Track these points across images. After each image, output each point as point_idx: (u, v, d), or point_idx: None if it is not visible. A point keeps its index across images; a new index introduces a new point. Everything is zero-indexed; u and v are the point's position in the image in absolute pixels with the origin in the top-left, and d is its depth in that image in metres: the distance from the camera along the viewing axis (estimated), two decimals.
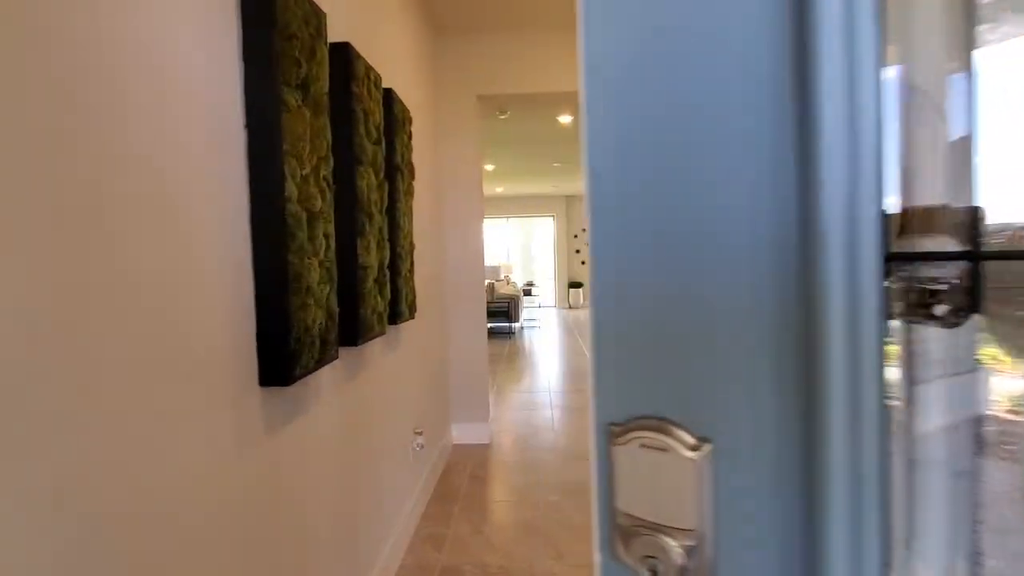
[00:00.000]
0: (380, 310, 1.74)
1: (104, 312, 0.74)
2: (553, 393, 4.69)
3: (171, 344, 0.87)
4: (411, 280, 2.19)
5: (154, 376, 0.83)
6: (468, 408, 3.47)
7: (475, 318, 3.44)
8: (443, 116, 3.36)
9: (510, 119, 5.25)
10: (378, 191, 1.73)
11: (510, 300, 8.24)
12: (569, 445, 3.35)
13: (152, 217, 0.84)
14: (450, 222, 3.40)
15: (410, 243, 2.19)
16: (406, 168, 2.13)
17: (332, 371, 1.49)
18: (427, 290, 2.80)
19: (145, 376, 0.81)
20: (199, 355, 0.94)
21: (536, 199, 12.00)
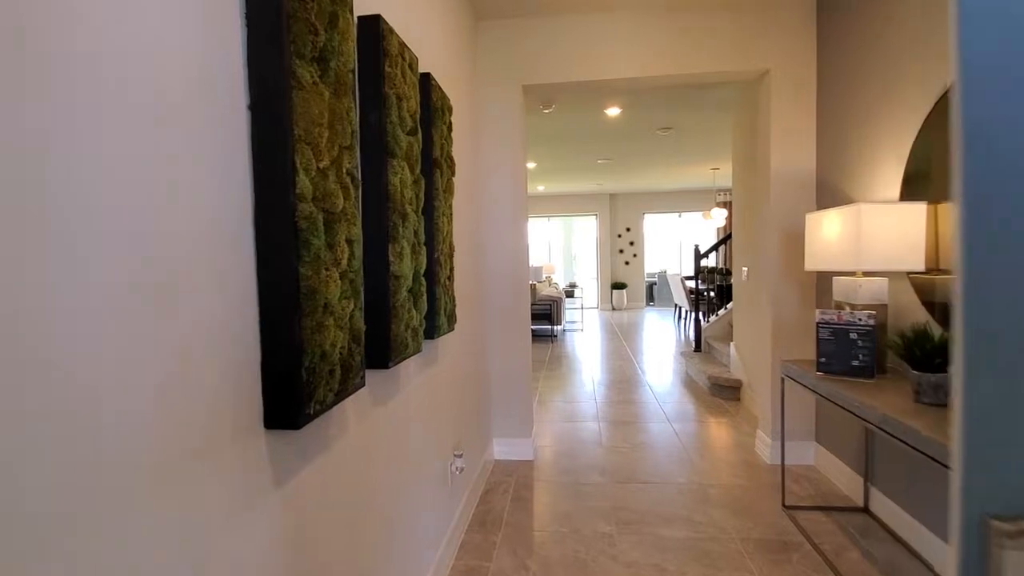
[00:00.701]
0: (415, 325, 1.52)
1: (42, 335, 0.53)
2: (599, 403, 4.40)
3: (142, 382, 0.66)
4: (450, 288, 1.97)
5: (122, 424, 0.62)
6: (510, 422, 3.23)
7: (518, 326, 3.20)
8: (486, 108, 3.13)
9: (555, 113, 4.99)
10: (413, 188, 1.51)
11: (552, 302, 7.97)
12: (620, 466, 3.06)
13: (124, 220, 0.63)
14: (492, 222, 3.17)
15: (450, 246, 1.96)
16: (446, 163, 1.91)
17: (357, 401, 1.28)
18: (467, 297, 2.58)
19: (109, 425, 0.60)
20: (182, 394, 0.73)
21: (579, 197, 11.67)
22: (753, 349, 4.08)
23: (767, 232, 3.01)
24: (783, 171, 2.94)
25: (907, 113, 2.11)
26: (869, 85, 2.40)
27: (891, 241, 1.96)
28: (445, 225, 1.90)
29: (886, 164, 2.27)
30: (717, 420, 3.88)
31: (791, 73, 2.90)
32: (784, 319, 2.98)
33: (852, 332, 2.08)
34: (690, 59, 2.95)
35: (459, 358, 2.37)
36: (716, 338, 5.51)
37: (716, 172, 8.75)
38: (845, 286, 2.19)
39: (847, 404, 1.85)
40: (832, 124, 2.75)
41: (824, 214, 2.21)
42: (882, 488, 2.35)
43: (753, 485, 2.75)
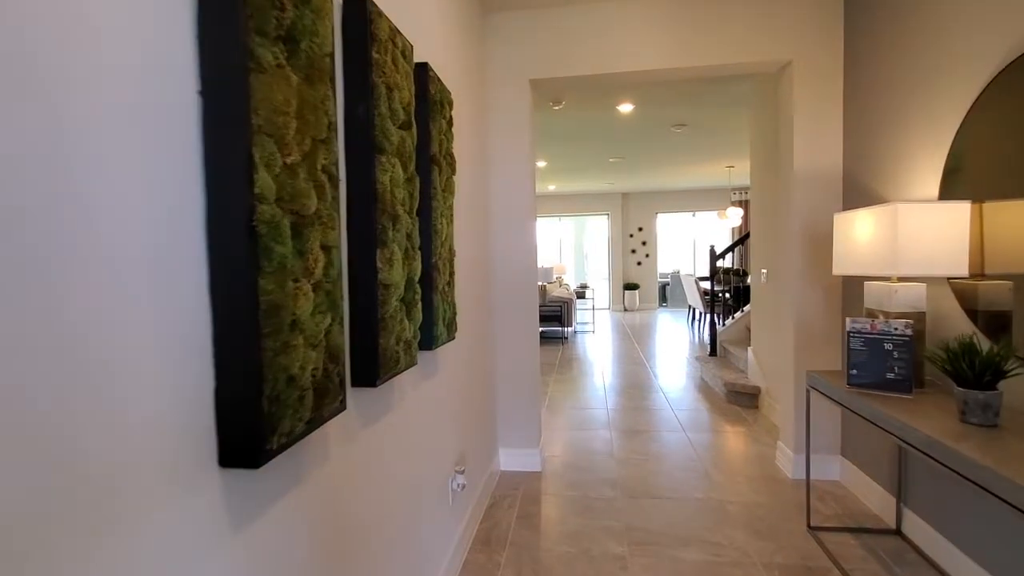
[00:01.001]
0: (408, 337, 1.39)
1: None
2: (611, 410, 4.24)
3: (69, 419, 0.54)
4: (450, 295, 1.83)
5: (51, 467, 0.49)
6: (517, 432, 3.09)
7: (526, 332, 3.06)
8: (492, 104, 2.99)
9: (565, 110, 4.84)
10: (406, 188, 1.38)
11: (563, 304, 7.82)
12: (632, 479, 2.91)
13: (47, 225, 0.50)
14: (499, 223, 3.04)
15: (449, 250, 1.83)
16: (445, 160, 1.78)
17: (338, 425, 1.15)
18: (471, 302, 2.45)
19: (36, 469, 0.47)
20: (119, 430, 0.61)
21: (590, 196, 11.49)
22: (773, 355, 3.91)
23: (789, 233, 2.84)
24: (807, 169, 2.77)
25: (949, 99, 1.94)
26: (904, 71, 2.22)
27: (931, 243, 1.79)
28: (444, 227, 1.77)
29: (923, 159, 2.09)
30: (734, 429, 3.71)
31: (815, 64, 2.72)
32: (807, 326, 2.81)
33: (887, 342, 1.91)
34: (706, 51, 2.79)
35: (461, 368, 2.24)
36: (732, 342, 5.32)
37: (731, 170, 8.53)
38: (878, 292, 2.02)
39: (885, 424, 1.68)
40: (861, 117, 2.57)
41: (855, 214, 2.04)
42: (917, 509, 2.18)
43: (775, 503, 2.59)
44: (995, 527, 1.76)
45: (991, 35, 1.76)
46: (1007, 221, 1.71)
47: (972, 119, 1.83)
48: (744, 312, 5.50)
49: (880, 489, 2.44)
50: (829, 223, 2.76)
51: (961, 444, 1.39)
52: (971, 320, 1.87)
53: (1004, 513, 1.74)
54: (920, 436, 1.50)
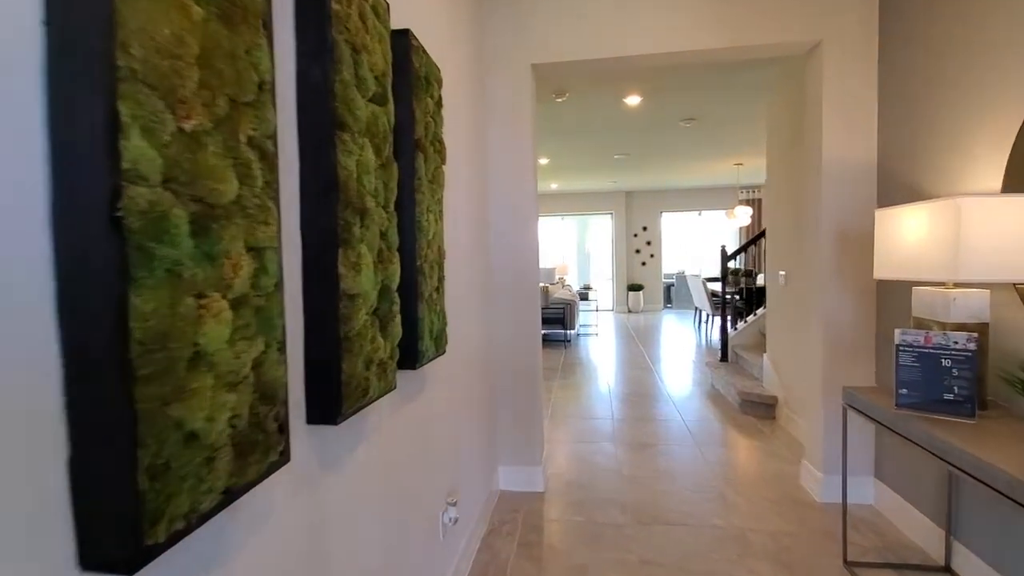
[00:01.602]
0: (383, 357, 1.14)
1: None
2: (616, 420, 3.99)
3: None
4: (439, 302, 1.58)
5: None
6: (518, 448, 2.84)
7: (528, 339, 2.81)
8: (491, 92, 2.74)
9: (569, 103, 4.59)
10: (380, 175, 1.13)
11: (566, 305, 7.57)
12: (642, 501, 2.66)
13: None
14: (498, 221, 2.79)
15: (439, 251, 1.58)
16: (432, 147, 1.52)
17: (281, 481, 0.90)
18: (465, 308, 2.20)
19: None
20: None
21: (594, 195, 11.23)
22: (792, 363, 3.64)
23: (817, 232, 2.58)
24: (837, 161, 2.51)
25: (1018, 78, 1.68)
26: (953, 50, 1.96)
27: (1000, 243, 1.53)
28: (432, 224, 1.51)
29: (982, 148, 1.83)
30: (751, 443, 3.45)
31: (848, 44, 2.46)
32: (836, 334, 2.55)
33: (944, 358, 1.66)
34: (728, 31, 2.53)
35: (453, 385, 1.98)
36: (745, 347, 5.06)
37: (740, 168, 8.26)
38: (931, 299, 1.76)
39: (954, 458, 1.42)
40: (899, 104, 2.31)
41: (902, 211, 1.79)
42: (971, 544, 1.92)
43: (804, 532, 2.33)
44: None
45: None
46: None
47: None
48: (757, 316, 5.24)
49: (923, 518, 2.18)
50: (863, 221, 2.50)
51: None
52: None
53: None
54: (1004, 478, 1.25)
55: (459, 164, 2.11)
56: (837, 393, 2.56)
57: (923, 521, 2.18)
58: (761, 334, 5.10)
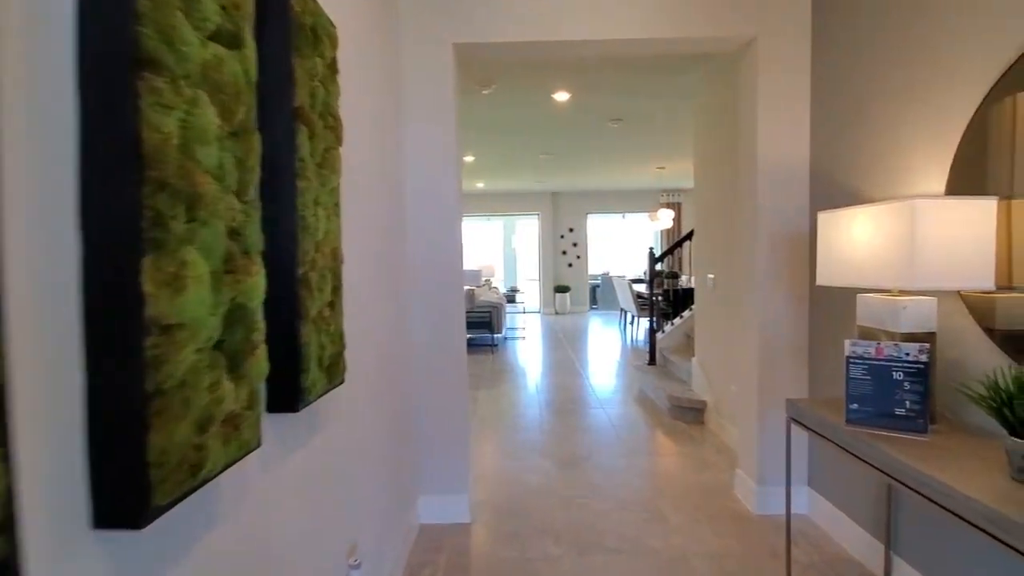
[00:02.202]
0: (233, 408, 0.80)
1: None
2: (546, 432, 3.78)
3: None
4: (334, 320, 1.24)
5: None
6: (441, 475, 2.53)
7: (451, 352, 2.50)
8: (409, 75, 2.41)
9: (496, 97, 4.33)
10: (230, 148, 0.79)
11: (492, 308, 7.32)
12: (579, 526, 2.44)
13: None
14: (417, 220, 2.46)
15: (332, 255, 1.24)
16: (321, 120, 1.18)
17: None
18: (374, 322, 1.86)
19: None
20: None
21: (520, 196, 11.09)
22: (723, 367, 3.60)
23: (753, 236, 2.49)
24: (771, 162, 2.42)
25: (962, 79, 1.61)
26: (893, 49, 1.90)
27: (954, 249, 1.44)
28: (323, 221, 1.18)
29: (923, 148, 1.77)
30: (683, 450, 3.36)
31: (782, 41, 2.39)
32: (773, 341, 2.47)
33: (896, 371, 1.55)
34: (661, 21, 2.37)
35: (357, 417, 1.64)
36: (672, 350, 5.05)
37: (662, 171, 8.42)
38: (879, 308, 1.66)
39: (917, 484, 1.29)
40: (832, 104, 2.25)
41: (849, 213, 1.68)
42: (912, 559, 1.86)
43: (745, 550, 2.21)
44: None
45: None
46: None
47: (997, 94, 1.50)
48: (683, 318, 5.26)
49: (860, 530, 2.12)
50: (797, 224, 2.44)
51: None
52: (990, 339, 1.55)
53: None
54: (979, 508, 1.12)
55: (365, 150, 1.77)
56: (773, 402, 2.48)
57: (859, 533, 2.13)
58: (687, 336, 5.12)
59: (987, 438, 1.46)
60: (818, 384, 2.41)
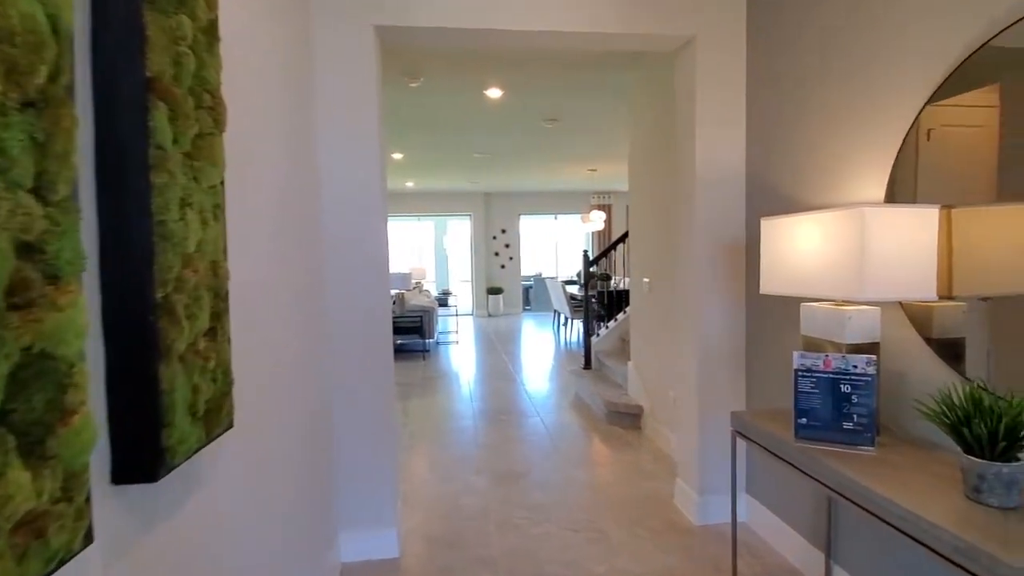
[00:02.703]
0: (41, 504, 0.54)
1: None
2: (481, 446, 3.59)
3: None
4: (218, 353, 0.98)
5: None
6: (365, 506, 2.27)
7: (376, 368, 2.25)
8: (325, 59, 2.14)
9: (425, 91, 4.09)
10: (27, 126, 0.53)
11: (423, 313, 7.03)
12: (519, 554, 2.27)
13: None
14: (335, 223, 2.19)
15: (212, 270, 0.98)
16: (192, 98, 0.92)
17: None
18: (275, 343, 1.58)
19: None
20: None
21: (451, 196, 10.83)
22: (658, 372, 3.58)
23: (691, 242, 2.43)
24: (708, 167, 2.38)
25: (901, 86, 1.59)
26: (834, 54, 1.88)
27: (901, 259, 1.40)
28: (192, 227, 0.91)
29: (862, 156, 1.75)
30: (622, 459, 3.29)
31: (720, 42, 2.34)
32: (712, 350, 2.42)
33: (844, 383, 1.50)
34: (600, 15, 2.25)
35: (254, 460, 1.37)
36: (607, 354, 5.03)
37: (594, 173, 8.49)
38: (824, 318, 1.61)
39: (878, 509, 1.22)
40: (768, 108, 2.23)
41: (796, 220, 1.62)
42: (851, 568, 1.84)
43: (689, 567, 2.13)
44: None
45: (956, 14, 1.43)
46: (981, 232, 1.38)
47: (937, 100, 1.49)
48: (618, 321, 5.25)
49: (799, 539, 2.11)
50: (734, 230, 2.40)
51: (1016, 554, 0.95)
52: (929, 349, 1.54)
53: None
54: (947, 537, 1.05)
55: (264, 140, 1.50)
56: (713, 411, 2.43)
57: (799, 541, 2.11)
58: (622, 340, 5.11)
59: (931, 450, 1.44)
60: (755, 392, 2.39)
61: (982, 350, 1.44)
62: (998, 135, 1.37)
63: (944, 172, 1.51)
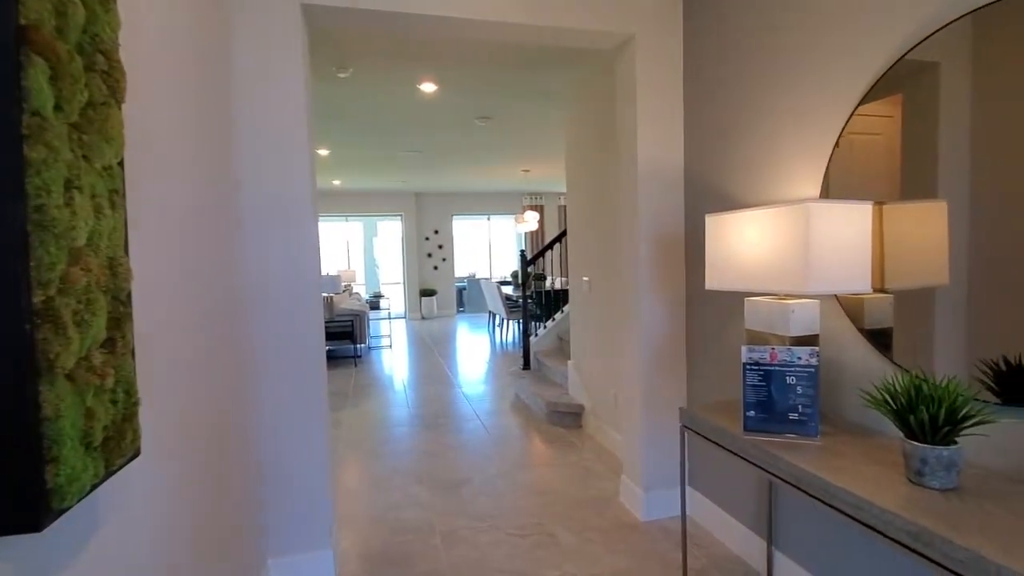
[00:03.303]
0: None
1: None
2: (422, 453, 3.45)
3: None
4: (117, 368, 0.82)
5: None
6: (294, 529, 2.08)
7: (305, 378, 2.06)
8: (243, 35, 1.93)
9: (355, 84, 3.88)
10: None
11: (354, 317, 6.72)
12: (467, 567, 2.17)
13: None
14: (254, 219, 1.98)
15: (107, 269, 0.81)
16: (79, 58, 0.76)
17: None
18: (193, 354, 1.39)
19: None
20: None
21: (382, 195, 10.48)
22: (599, 370, 3.59)
23: (634, 240, 2.44)
24: (650, 164, 2.40)
25: (834, 88, 1.65)
26: (768, 56, 1.94)
27: (842, 253, 1.45)
28: (81, 215, 0.75)
29: (798, 154, 1.81)
30: (565, 459, 3.27)
31: (659, 42, 2.37)
32: (655, 346, 2.45)
33: (789, 376, 1.54)
34: (539, 7, 2.20)
35: (165, 490, 1.19)
36: (547, 354, 5.02)
37: (527, 174, 8.51)
38: (768, 311, 1.65)
39: (830, 498, 1.24)
40: (705, 107, 2.28)
41: (740, 217, 1.64)
42: (792, 553, 1.91)
43: (639, 565, 2.12)
44: (884, 567, 1.51)
45: (887, 18, 1.50)
46: (905, 229, 1.45)
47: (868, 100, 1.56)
48: (555, 321, 5.26)
49: (742, 528, 2.16)
50: (674, 227, 2.44)
51: (966, 536, 0.98)
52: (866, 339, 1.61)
53: (904, 563, 1.49)
54: (900, 523, 1.08)
55: (177, 119, 1.31)
56: (656, 406, 2.46)
57: (741, 530, 2.16)
58: (560, 339, 5.13)
59: (870, 437, 1.50)
60: (697, 387, 2.43)
61: (908, 338, 1.52)
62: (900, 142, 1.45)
63: (854, 175, 1.58)
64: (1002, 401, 1.25)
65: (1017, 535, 0.98)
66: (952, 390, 1.16)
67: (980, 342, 1.29)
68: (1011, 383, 1.24)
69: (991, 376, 1.27)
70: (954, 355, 1.34)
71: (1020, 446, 1.22)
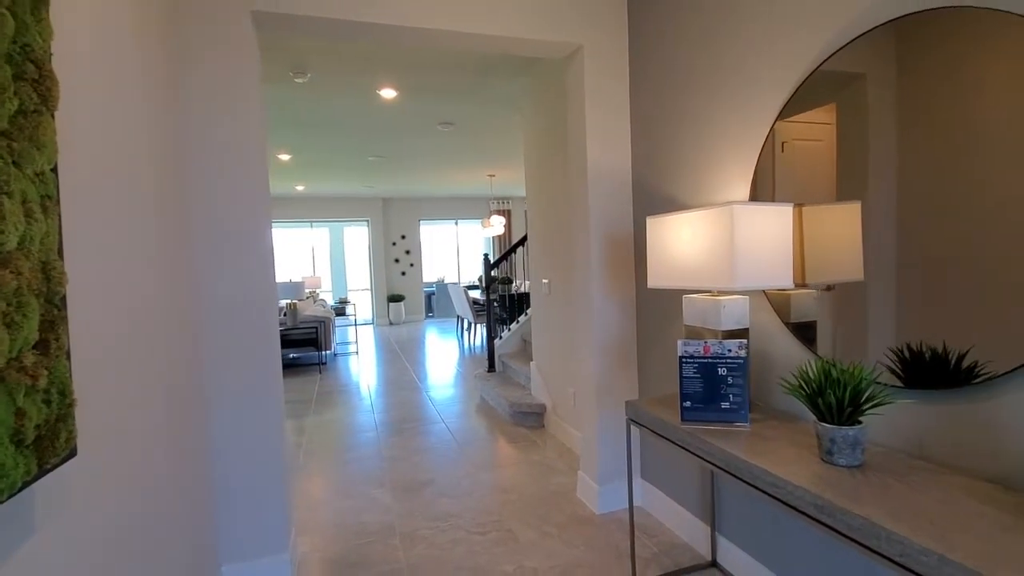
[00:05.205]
0: None
1: None
2: (385, 458, 3.46)
3: None
4: (51, 369, 0.84)
5: None
6: (251, 535, 2.08)
7: (260, 385, 2.07)
8: (194, 43, 1.93)
9: (313, 86, 3.88)
10: None
11: (319, 323, 6.65)
12: (428, 566, 2.20)
13: None
14: (211, 220, 1.99)
15: (39, 273, 0.83)
16: (7, 66, 0.78)
17: None
18: (137, 354, 1.40)
19: None
20: None
21: (347, 201, 10.39)
22: (559, 370, 3.68)
23: (586, 243, 2.53)
24: (600, 169, 2.49)
25: (760, 97, 1.77)
26: (704, 66, 2.05)
27: (766, 252, 1.56)
28: (14, 220, 0.77)
29: (730, 160, 1.92)
30: (527, 458, 3.33)
31: (604, 52, 2.47)
32: (608, 345, 2.54)
33: (721, 367, 1.64)
34: (490, 18, 2.28)
35: (103, 492, 1.19)
36: (511, 356, 5.08)
37: (493, 179, 8.58)
38: (703, 307, 1.75)
39: (753, 479, 1.34)
40: (649, 115, 2.39)
41: (676, 218, 1.74)
42: (732, 536, 2.01)
43: (593, 557, 2.20)
44: (811, 548, 1.62)
45: (804, 35, 1.62)
46: (823, 229, 1.57)
47: (786, 114, 1.68)
48: (520, 323, 5.33)
49: (688, 515, 2.26)
50: (624, 229, 2.54)
51: (863, 507, 1.08)
52: (791, 333, 1.72)
53: (824, 537, 1.60)
54: (809, 497, 1.17)
55: (119, 128, 1.32)
56: (610, 403, 2.54)
57: (688, 518, 2.26)
58: (524, 341, 5.20)
59: (794, 422, 1.61)
60: (647, 382, 2.53)
61: (829, 330, 1.64)
62: (835, 148, 1.57)
63: (796, 178, 1.70)
64: (904, 385, 1.37)
65: (908, 505, 1.09)
66: (856, 374, 1.27)
67: (904, 333, 1.40)
68: (913, 368, 1.36)
69: (896, 362, 1.39)
70: (875, 346, 1.45)
71: (918, 425, 1.34)
